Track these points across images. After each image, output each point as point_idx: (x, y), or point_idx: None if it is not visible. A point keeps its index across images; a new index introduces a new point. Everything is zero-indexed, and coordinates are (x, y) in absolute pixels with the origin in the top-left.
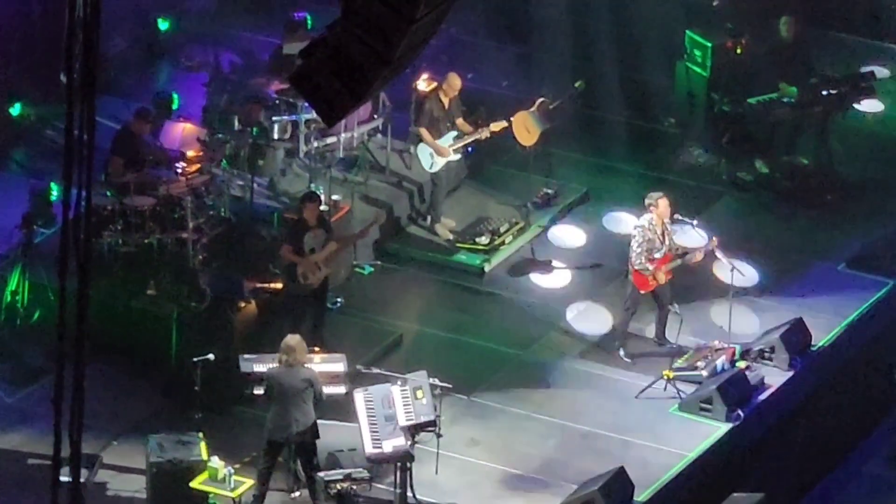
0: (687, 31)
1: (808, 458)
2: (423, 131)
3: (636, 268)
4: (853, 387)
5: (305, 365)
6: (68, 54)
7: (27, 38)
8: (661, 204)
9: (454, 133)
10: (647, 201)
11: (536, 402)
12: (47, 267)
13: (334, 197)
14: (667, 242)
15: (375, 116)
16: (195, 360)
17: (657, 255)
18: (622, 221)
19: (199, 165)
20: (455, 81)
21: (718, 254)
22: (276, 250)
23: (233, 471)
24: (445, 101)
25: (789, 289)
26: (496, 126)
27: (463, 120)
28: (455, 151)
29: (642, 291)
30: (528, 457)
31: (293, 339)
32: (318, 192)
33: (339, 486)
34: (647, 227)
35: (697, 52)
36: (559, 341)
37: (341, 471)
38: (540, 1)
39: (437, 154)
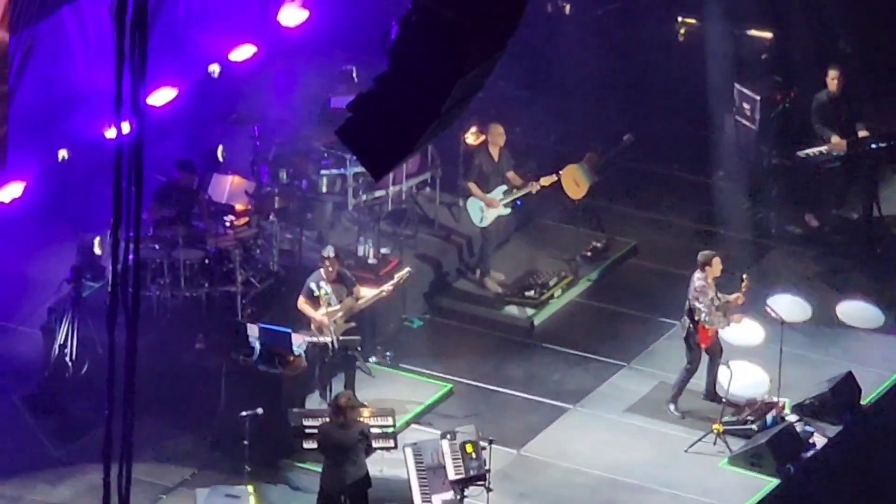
0: (735, 84)
1: None
2: (472, 186)
3: (706, 325)
4: None
5: (357, 419)
6: (117, 107)
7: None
8: (714, 263)
9: (503, 187)
10: (700, 259)
11: (586, 456)
12: (96, 320)
13: (383, 250)
14: (720, 297)
15: (424, 170)
16: (244, 413)
17: (718, 313)
18: None
19: (247, 219)
20: (498, 130)
21: (769, 309)
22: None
23: None
24: (495, 153)
25: (839, 342)
26: (546, 180)
27: (514, 174)
28: (505, 206)
29: (703, 347)
30: None
31: (343, 396)
32: (334, 253)
33: None
34: (707, 284)
35: (746, 105)
36: (609, 395)
37: None
38: (588, 54)
39: (487, 206)
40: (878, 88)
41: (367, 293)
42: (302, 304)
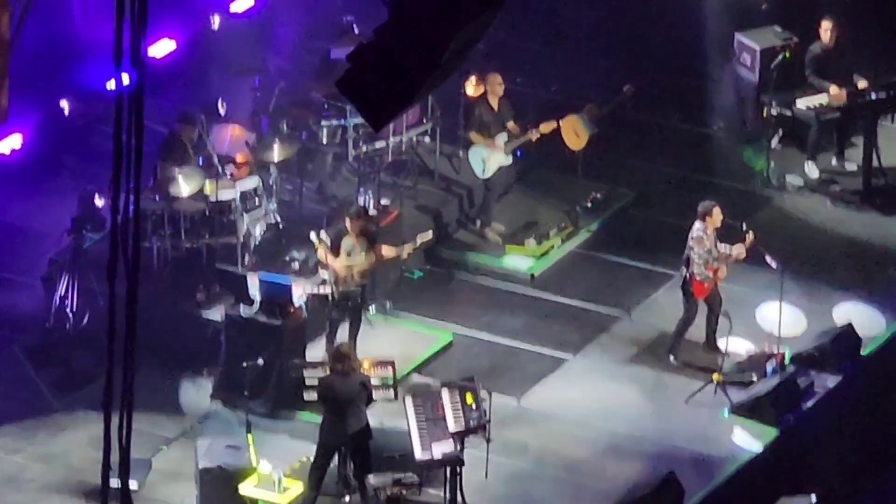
0: (735, 34)
1: (859, 462)
2: (474, 134)
3: (698, 278)
4: None
5: (357, 370)
6: (117, 59)
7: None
8: (714, 213)
9: (504, 136)
10: (700, 210)
11: (586, 406)
12: (96, 271)
13: (383, 201)
14: (719, 249)
15: (424, 120)
16: (244, 364)
17: (715, 265)
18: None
19: (247, 170)
20: (497, 80)
21: (769, 258)
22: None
23: (282, 475)
24: (494, 102)
25: (839, 293)
26: (546, 127)
27: (514, 123)
28: (506, 155)
29: (699, 298)
30: (578, 462)
31: (345, 347)
32: (365, 209)
33: (388, 491)
34: (704, 237)
35: (746, 56)
36: (609, 345)
37: (391, 475)
38: (588, 4)
39: (491, 151)
40: (879, 37)
41: (388, 251)
42: (322, 253)
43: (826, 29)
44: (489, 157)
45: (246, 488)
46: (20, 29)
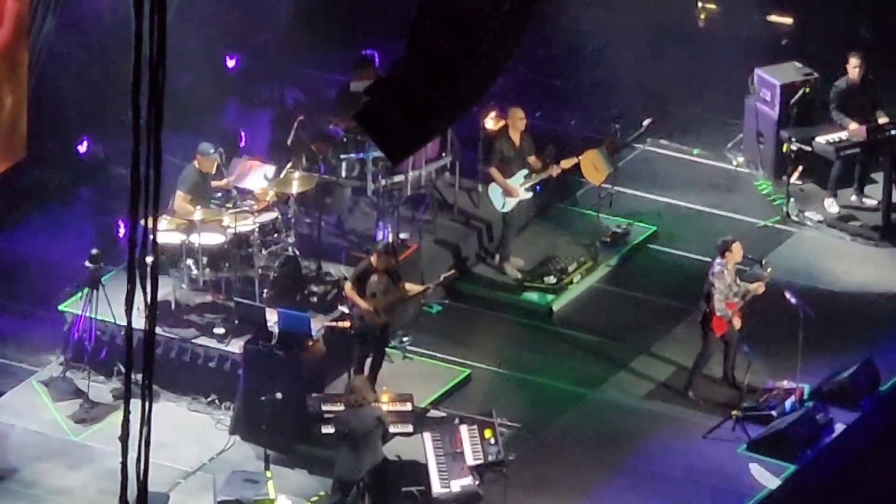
0: (755, 69)
1: (877, 498)
2: (494, 171)
3: (718, 314)
4: None
5: (373, 404)
6: (135, 92)
7: (89, 73)
8: (734, 248)
9: (525, 171)
10: (720, 245)
11: (605, 441)
12: (114, 304)
13: (402, 236)
14: (739, 285)
15: (444, 154)
16: (262, 398)
17: (736, 300)
18: None
19: (266, 203)
20: (518, 114)
21: (788, 295)
22: (343, 288)
23: None
24: (516, 137)
25: (859, 328)
26: (566, 163)
27: (535, 158)
28: (525, 190)
29: (718, 335)
30: (596, 497)
31: (359, 380)
32: (393, 246)
33: None
34: (724, 272)
35: (766, 91)
36: (628, 381)
37: None
38: (608, 38)
39: (507, 194)
40: None
41: (412, 288)
42: (349, 290)
43: (854, 65)
44: (507, 194)
45: None
46: (39, 62)
